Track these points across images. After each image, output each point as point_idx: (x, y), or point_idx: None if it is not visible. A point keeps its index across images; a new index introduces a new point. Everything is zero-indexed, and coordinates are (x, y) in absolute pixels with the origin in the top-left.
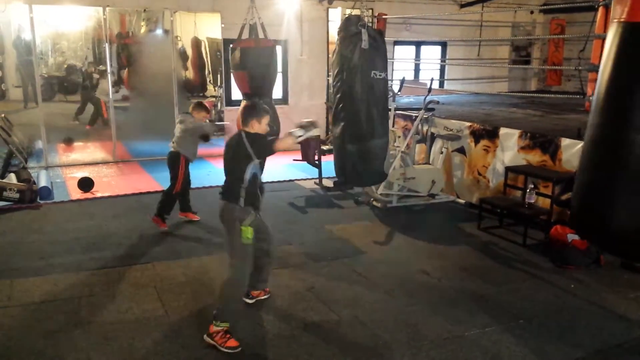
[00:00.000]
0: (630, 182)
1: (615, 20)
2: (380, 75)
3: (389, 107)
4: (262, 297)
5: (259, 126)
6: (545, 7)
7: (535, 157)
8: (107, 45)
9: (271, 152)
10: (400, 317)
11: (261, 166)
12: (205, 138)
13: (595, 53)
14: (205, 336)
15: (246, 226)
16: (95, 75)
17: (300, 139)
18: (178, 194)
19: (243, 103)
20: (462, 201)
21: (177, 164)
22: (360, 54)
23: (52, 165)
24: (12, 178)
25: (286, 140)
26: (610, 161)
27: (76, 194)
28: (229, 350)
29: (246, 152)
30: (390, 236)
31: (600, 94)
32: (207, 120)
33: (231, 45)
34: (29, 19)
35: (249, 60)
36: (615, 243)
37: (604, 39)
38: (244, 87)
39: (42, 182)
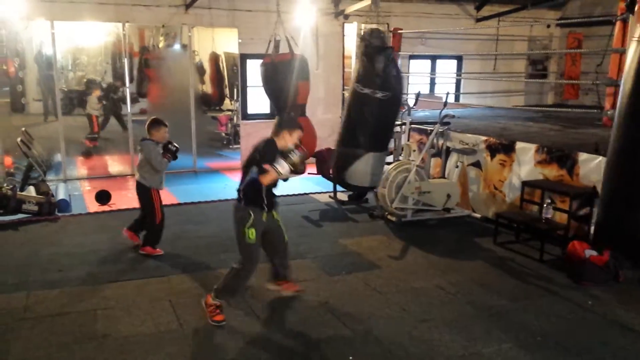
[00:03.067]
0: None
1: (635, 39)
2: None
3: (404, 121)
4: (286, 293)
5: (290, 138)
6: (562, 21)
7: (552, 172)
8: (126, 60)
9: (253, 175)
10: (415, 333)
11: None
12: (174, 156)
13: (613, 67)
14: (202, 300)
15: (248, 227)
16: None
17: (281, 175)
18: (162, 222)
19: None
20: (478, 215)
21: (149, 197)
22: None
23: (70, 178)
24: (31, 191)
25: (270, 175)
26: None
27: (93, 206)
28: (215, 323)
29: (255, 157)
30: (405, 250)
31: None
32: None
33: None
34: (50, 35)
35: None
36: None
37: (621, 54)
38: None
39: (61, 194)
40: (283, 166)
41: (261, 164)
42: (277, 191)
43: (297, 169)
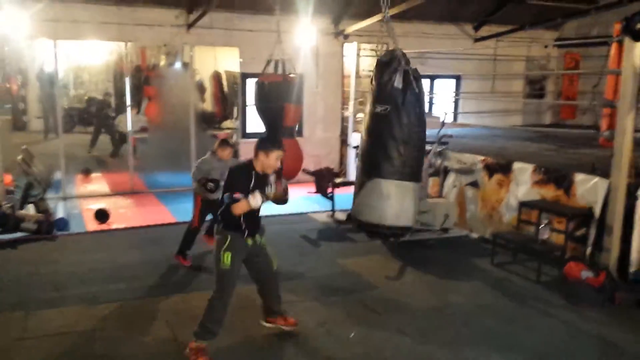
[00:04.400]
0: None
1: None
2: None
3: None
4: (286, 328)
5: (266, 160)
6: (559, 42)
7: (549, 192)
8: (127, 79)
9: (227, 200)
10: (412, 355)
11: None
12: (206, 189)
13: (609, 89)
14: (186, 349)
15: (224, 251)
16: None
17: (253, 206)
18: (196, 229)
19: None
20: (475, 235)
21: (193, 201)
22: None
23: (69, 197)
24: (30, 209)
25: (240, 205)
26: None
27: (92, 225)
28: None
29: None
30: (402, 271)
31: None
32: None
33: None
34: (53, 54)
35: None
36: None
37: (617, 75)
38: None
39: (60, 213)
40: (256, 198)
41: (231, 192)
42: (259, 215)
43: (275, 201)
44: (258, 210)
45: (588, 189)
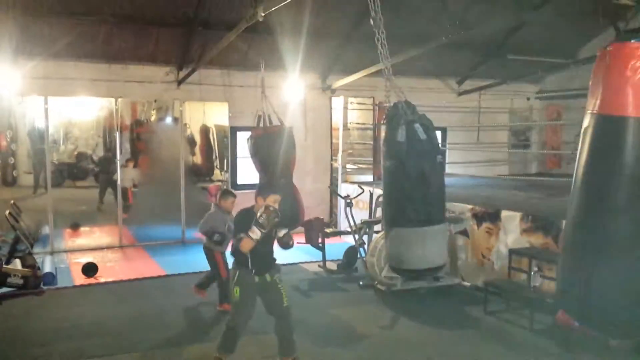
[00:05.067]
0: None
1: (589, 112)
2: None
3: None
4: None
5: (264, 204)
6: (540, 94)
7: (538, 240)
8: (118, 134)
9: (237, 242)
10: None
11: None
12: (215, 242)
13: None
14: None
15: (234, 285)
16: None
17: (255, 240)
18: (228, 279)
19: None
20: (467, 284)
21: (212, 258)
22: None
23: (57, 251)
24: (17, 264)
25: (245, 242)
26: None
27: (80, 279)
28: None
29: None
30: (395, 321)
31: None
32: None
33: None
34: (43, 110)
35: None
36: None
37: None
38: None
39: (47, 267)
40: (254, 231)
41: (237, 235)
42: (269, 255)
43: (282, 244)
44: (267, 251)
45: None
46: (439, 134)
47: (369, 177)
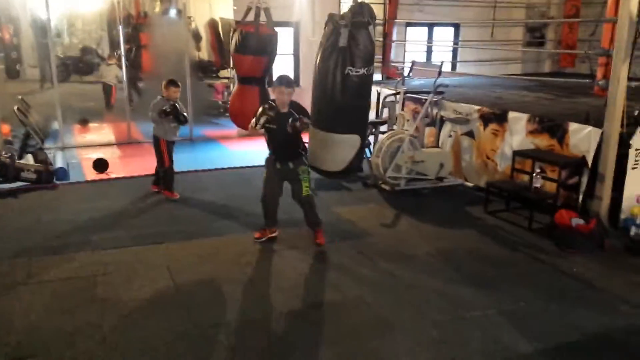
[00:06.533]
0: None
1: None
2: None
3: (398, 90)
4: (318, 242)
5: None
6: None
7: (543, 142)
8: (120, 28)
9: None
10: (403, 298)
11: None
12: (165, 114)
13: (605, 37)
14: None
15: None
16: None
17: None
18: (170, 167)
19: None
20: (470, 184)
21: (157, 145)
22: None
23: (68, 146)
24: (29, 159)
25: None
26: None
27: (91, 174)
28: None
29: None
30: (397, 219)
31: None
32: (178, 95)
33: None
34: (44, 1)
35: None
36: None
37: (614, 23)
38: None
39: (59, 163)
40: (256, 118)
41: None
42: (287, 146)
43: (261, 123)
44: (283, 142)
45: (581, 138)
46: (451, 30)
47: (377, 76)
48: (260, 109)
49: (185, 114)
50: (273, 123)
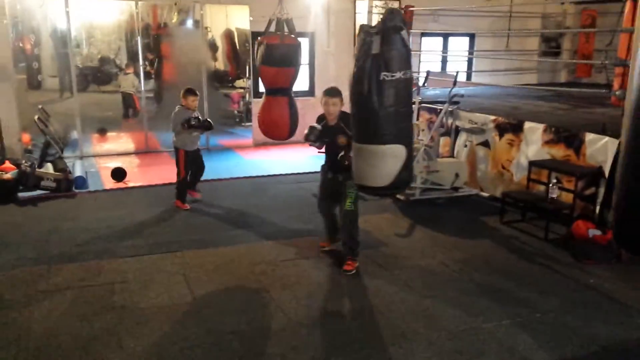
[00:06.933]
0: None
1: None
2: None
3: (413, 100)
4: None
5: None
6: None
7: (559, 152)
8: (139, 38)
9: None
10: (418, 308)
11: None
12: (190, 126)
13: (622, 47)
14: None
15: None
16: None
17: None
18: (185, 179)
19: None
20: (485, 194)
21: (176, 155)
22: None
23: (86, 155)
24: (48, 167)
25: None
26: None
27: (109, 183)
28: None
29: None
30: (411, 229)
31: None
32: (197, 104)
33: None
34: (65, 13)
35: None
36: None
37: (631, 33)
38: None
39: (77, 171)
40: (309, 129)
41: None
42: (338, 158)
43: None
44: (333, 154)
45: (598, 148)
46: (466, 40)
47: None
48: (310, 125)
49: (208, 119)
50: (323, 137)
